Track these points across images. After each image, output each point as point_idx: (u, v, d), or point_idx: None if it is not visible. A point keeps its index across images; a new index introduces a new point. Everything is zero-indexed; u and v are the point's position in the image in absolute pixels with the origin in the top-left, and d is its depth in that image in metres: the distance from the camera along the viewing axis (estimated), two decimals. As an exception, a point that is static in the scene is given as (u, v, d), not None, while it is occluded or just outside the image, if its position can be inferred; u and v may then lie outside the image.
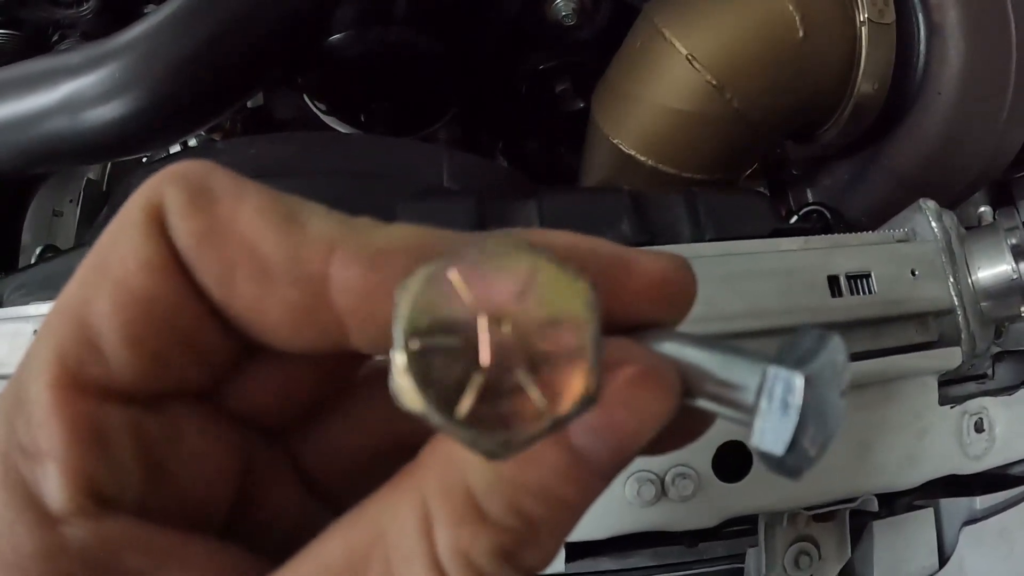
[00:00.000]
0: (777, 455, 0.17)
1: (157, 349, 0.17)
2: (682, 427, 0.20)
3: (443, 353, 0.13)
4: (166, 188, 0.17)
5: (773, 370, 0.17)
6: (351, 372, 0.22)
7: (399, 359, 0.13)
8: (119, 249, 0.17)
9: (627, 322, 0.19)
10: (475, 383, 0.13)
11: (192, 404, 0.19)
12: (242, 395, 0.20)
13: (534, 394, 0.14)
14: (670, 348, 0.19)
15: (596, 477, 0.17)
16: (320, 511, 0.21)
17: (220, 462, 0.19)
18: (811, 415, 0.17)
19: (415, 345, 0.13)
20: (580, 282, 0.14)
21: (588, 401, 0.14)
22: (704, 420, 0.21)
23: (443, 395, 0.13)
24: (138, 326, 0.17)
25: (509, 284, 0.13)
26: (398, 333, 0.14)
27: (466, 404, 0.13)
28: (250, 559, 0.19)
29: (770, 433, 0.17)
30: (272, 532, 0.21)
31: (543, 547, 0.17)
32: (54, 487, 0.16)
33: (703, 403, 0.19)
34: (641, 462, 0.43)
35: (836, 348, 0.18)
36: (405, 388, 0.13)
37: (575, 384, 0.14)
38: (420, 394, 0.13)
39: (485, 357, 0.13)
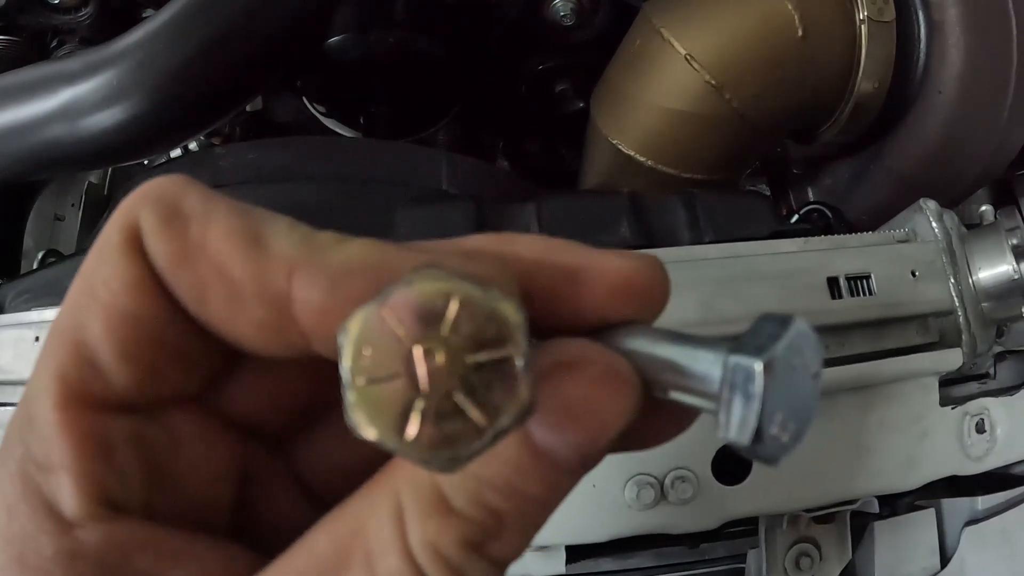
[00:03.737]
0: (744, 444, 0.17)
1: (149, 362, 0.18)
2: (663, 421, 0.21)
3: (386, 386, 0.15)
4: (141, 210, 0.18)
5: (733, 360, 0.17)
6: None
7: (349, 396, 0.15)
8: (103, 272, 0.18)
9: (595, 322, 0.20)
10: (418, 409, 0.15)
11: (187, 410, 0.20)
12: (235, 400, 0.21)
13: (473, 413, 0.15)
14: (639, 344, 0.19)
15: (561, 474, 0.18)
16: (317, 515, 0.22)
17: (218, 465, 0.21)
18: (777, 401, 0.17)
19: (360, 382, 0.15)
20: (504, 303, 0.15)
21: (524, 412, 0.15)
22: (687, 414, 0.21)
23: (391, 423, 0.15)
24: (130, 343, 0.18)
25: (436, 315, 0.15)
26: (344, 373, 0.15)
27: (412, 429, 0.15)
28: (252, 558, 0.20)
29: (735, 423, 0.17)
30: (273, 535, 0.22)
31: (509, 540, 0.18)
32: (68, 496, 0.18)
33: (676, 396, 0.19)
34: (640, 465, 0.43)
35: (799, 332, 0.18)
36: (358, 421, 0.15)
37: (509, 398, 0.15)
38: (371, 425, 0.15)
39: (424, 385, 0.15)
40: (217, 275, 0.18)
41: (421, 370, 0.15)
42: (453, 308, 0.15)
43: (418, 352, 0.15)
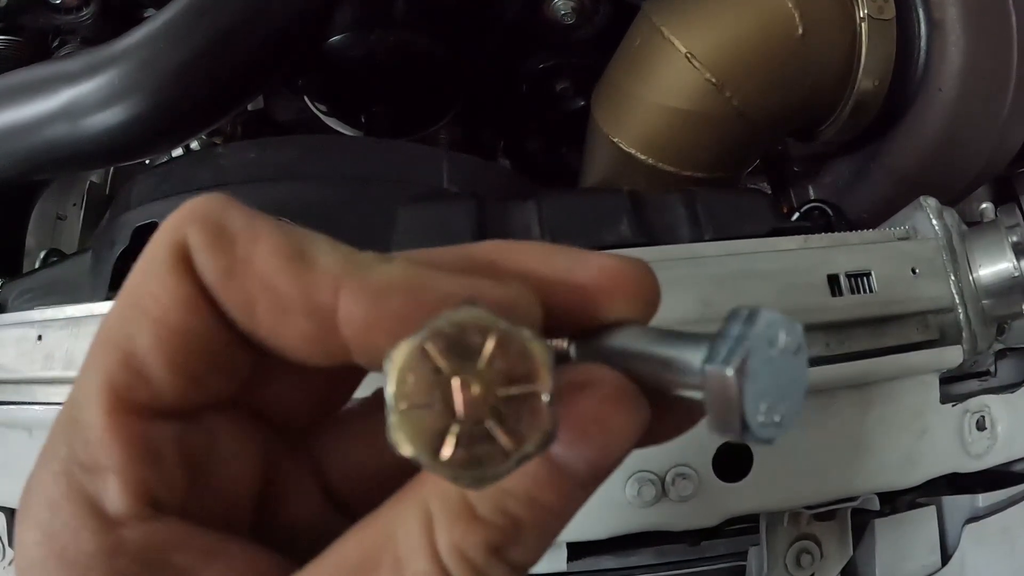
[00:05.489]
0: (737, 439, 0.18)
1: (195, 372, 0.20)
2: (674, 417, 0.22)
3: (426, 411, 0.17)
4: (188, 228, 0.19)
5: (707, 368, 0.18)
6: (360, 376, 0.25)
7: (391, 418, 0.17)
8: (152, 287, 0.19)
9: (589, 323, 0.21)
10: (452, 433, 0.17)
11: (223, 412, 0.22)
12: (264, 397, 0.23)
13: (501, 439, 0.17)
14: (631, 343, 0.21)
15: (576, 487, 0.19)
16: (340, 521, 0.22)
17: (247, 465, 0.22)
18: (759, 393, 0.18)
19: (403, 406, 0.17)
20: (534, 343, 0.17)
21: (546, 439, 0.17)
22: (697, 408, 0.22)
23: (428, 444, 0.17)
24: (178, 355, 0.19)
25: (474, 350, 0.17)
26: (388, 398, 0.17)
27: (447, 451, 0.17)
28: (278, 559, 0.21)
29: (720, 423, 0.18)
30: (294, 539, 0.23)
31: (528, 545, 0.19)
32: (114, 496, 0.19)
33: (674, 392, 0.20)
34: (641, 462, 0.43)
35: (768, 322, 0.19)
36: (398, 440, 0.17)
37: (534, 427, 0.17)
38: (410, 444, 0.17)
39: (460, 412, 0.17)
40: (264, 289, 0.19)
41: (458, 399, 0.17)
42: (490, 345, 0.17)
43: (456, 383, 0.17)
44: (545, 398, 0.17)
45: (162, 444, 0.20)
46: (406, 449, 0.17)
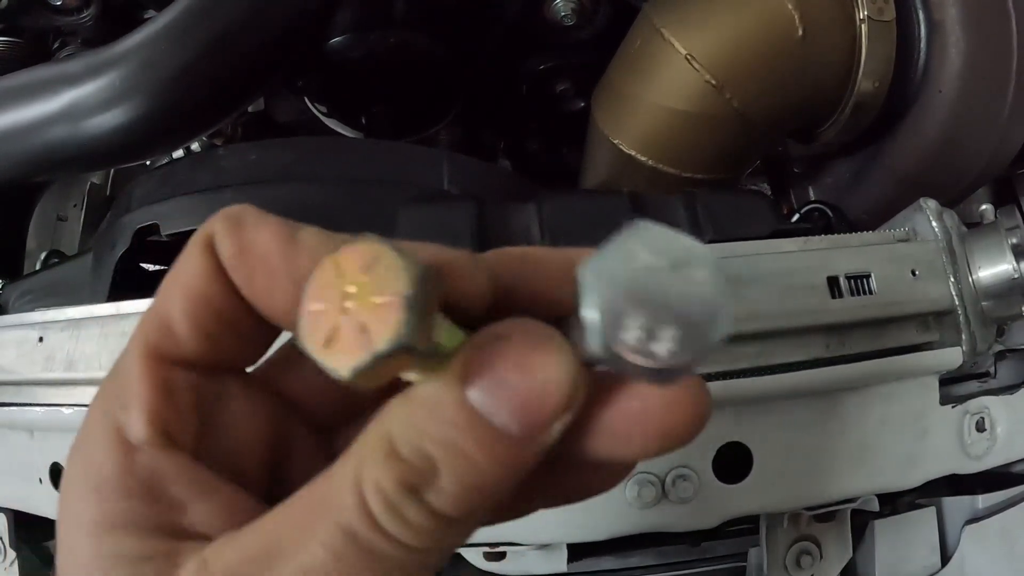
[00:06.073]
0: (611, 364, 0.19)
1: (211, 331, 0.24)
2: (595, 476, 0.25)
3: (320, 314, 0.20)
4: (215, 222, 0.24)
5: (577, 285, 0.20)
6: (393, 390, 0.27)
7: (299, 319, 0.20)
8: (185, 265, 0.24)
9: (552, 309, 0.23)
10: (334, 331, 0.20)
11: (240, 377, 0.26)
12: (290, 383, 0.27)
13: (360, 338, 0.19)
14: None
15: (499, 441, 0.21)
16: None
17: (255, 428, 0.25)
18: (625, 309, 0.19)
19: (307, 309, 0.20)
20: (400, 260, 0.20)
21: (398, 344, 0.19)
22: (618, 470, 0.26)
23: (317, 338, 0.20)
24: (198, 315, 0.24)
25: (363, 269, 0.20)
26: (303, 299, 0.20)
27: (323, 343, 0.20)
28: (264, 508, 0.23)
29: (592, 346, 0.19)
30: None
31: (447, 491, 0.21)
32: (136, 424, 0.23)
33: (585, 349, 0.21)
34: (641, 464, 0.43)
35: (631, 236, 0.19)
36: (300, 335, 0.20)
37: (385, 328, 0.19)
38: (304, 338, 0.20)
39: (341, 315, 0.20)
40: (261, 263, 0.23)
41: (341, 304, 0.20)
42: (372, 264, 0.20)
43: (339, 292, 0.20)
44: (401, 306, 0.19)
45: (179, 387, 0.24)
46: (302, 341, 0.20)
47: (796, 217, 0.60)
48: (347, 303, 0.20)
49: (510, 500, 0.24)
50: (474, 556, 0.46)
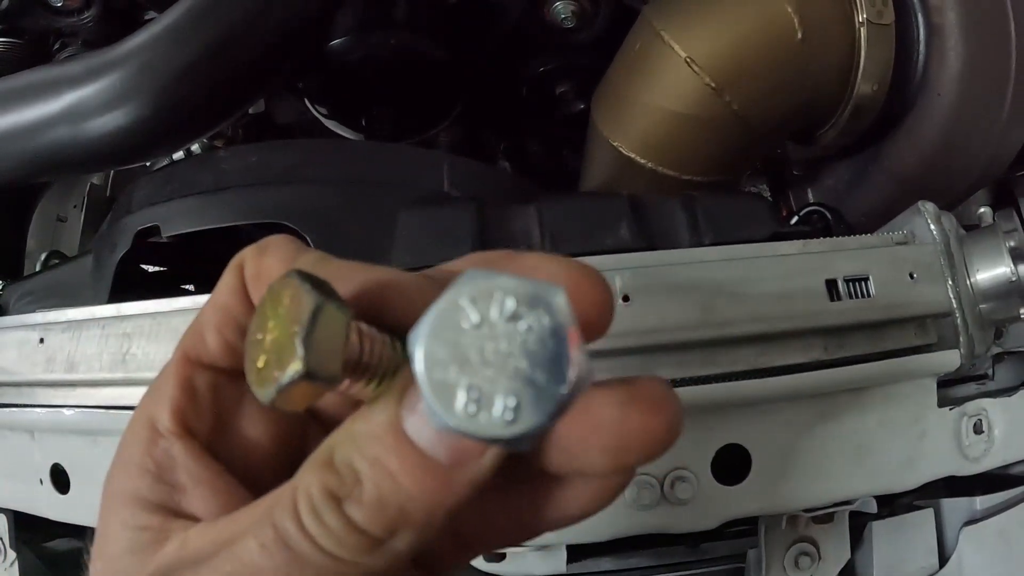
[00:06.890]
0: (468, 430, 0.19)
1: (231, 340, 0.27)
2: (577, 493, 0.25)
3: (257, 343, 0.22)
4: (249, 247, 0.27)
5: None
6: None
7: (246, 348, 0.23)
8: (221, 284, 0.27)
9: None
10: (261, 358, 0.22)
11: None
12: None
13: (273, 367, 0.21)
14: None
15: (427, 467, 0.21)
16: None
17: (268, 430, 0.27)
18: (455, 376, 0.18)
19: (249, 339, 0.23)
20: (310, 295, 0.21)
21: (299, 375, 0.20)
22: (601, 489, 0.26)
23: (251, 366, 0.22)
24: (222, 326, 0.27)
25: (284, 295, 0.22)
26: (248, 328, 0.23)
27: (252, 370, 0.22)
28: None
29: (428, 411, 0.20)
30: None
31: (362, 503, 0.22)
32: (163, 415, 0.26)
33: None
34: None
35: (459, 290, 0.19)
36: (245, 360, 0.23)
37: (288, 360, 0.20)
38: (246, 365, 0.22)
39: (264, 346, 0.22)
40: (269, 282, 0.25)
41: (263, 338, 0.22)
42: (287, 298, 0.21)
43: (265, 323, 0.22)
44: (299, 341, 0.20)
45: (201, 387, 0.27)
46: (245, 367, 0.22)
47: (795, 219, 0.60)
48: (268, 336, 0.21)
49: (503, 528, 0.26)
50: (474, 557, 0.46)
